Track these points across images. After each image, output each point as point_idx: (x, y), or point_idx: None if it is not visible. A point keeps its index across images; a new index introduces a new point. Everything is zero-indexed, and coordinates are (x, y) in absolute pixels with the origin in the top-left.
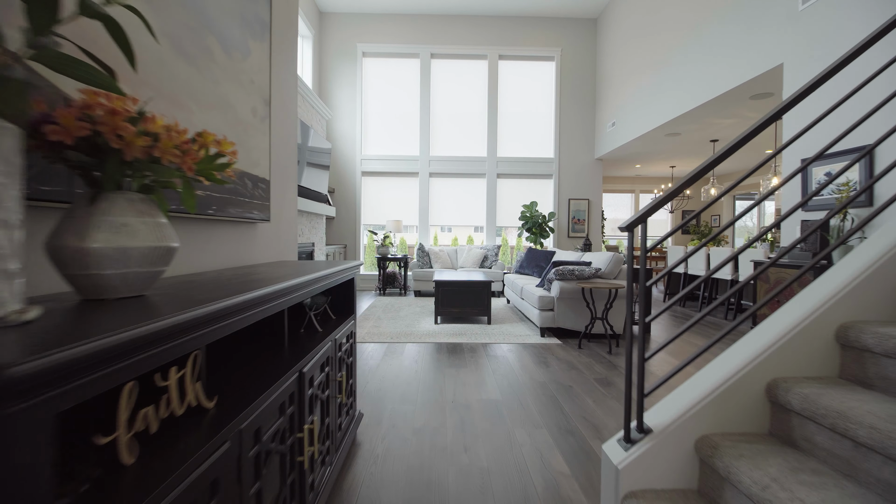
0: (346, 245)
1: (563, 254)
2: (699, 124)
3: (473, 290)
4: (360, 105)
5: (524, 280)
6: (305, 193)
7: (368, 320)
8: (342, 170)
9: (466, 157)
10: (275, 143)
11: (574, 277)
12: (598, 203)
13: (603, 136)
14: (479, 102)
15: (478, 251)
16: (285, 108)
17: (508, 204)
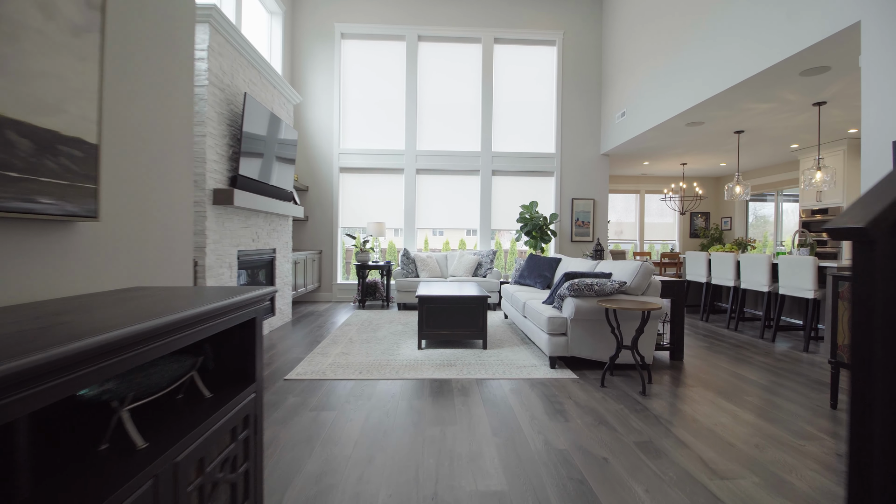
0: (321, 251)
1: (572, 262)
2: (730, 110)
3: (466, 308)
4: (337, 92)
5: (526, 293)
6: (259, 189)
7: (337, 344)
8: (317, 165)
9: (458, 152)
10: (123, 80)
11: (593, 294)
12: (604, 203)
13: (610, 129)
14: (471, 91)
15: (471, 258)
16: (163, 27)
17: (505, 204)
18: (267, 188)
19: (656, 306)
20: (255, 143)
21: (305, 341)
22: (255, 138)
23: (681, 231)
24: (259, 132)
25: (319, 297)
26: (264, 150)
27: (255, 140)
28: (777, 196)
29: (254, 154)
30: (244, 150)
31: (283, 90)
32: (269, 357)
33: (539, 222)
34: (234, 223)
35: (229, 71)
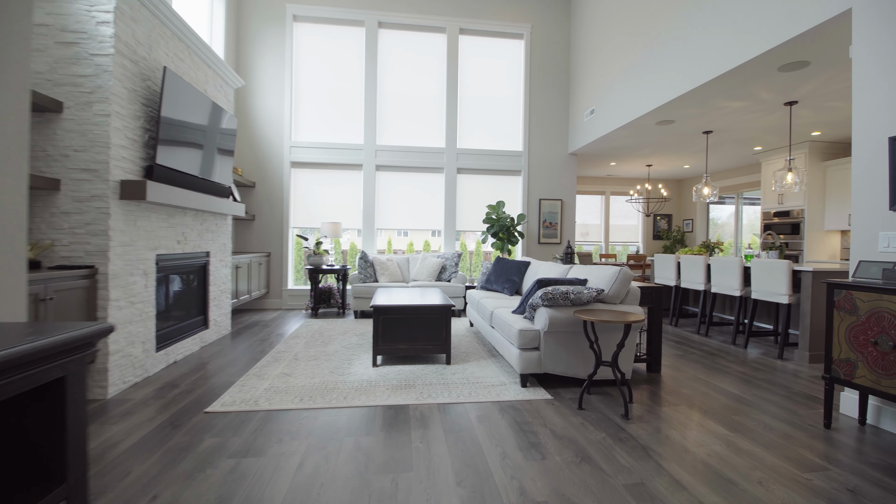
0: (269, 253)
1: (542, 266)
2: (702, 108)
3: (427, 319)
4: (289, 80)
5: (494, 300)
6: (185, 182)
7: (279, 362)
8: (265, 159)
9: (421, 147)
10: None
11: (569, 303)
12: (571, 204)
13: (578, 127)
14: (436, 84)
15: (434, 261)
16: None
17: (471, 204)
18: (197, 182)
19: (639, 318)
20: (181, 129)
21: (243, 359)
22: (181, 124)
23: (644, 233)
24: (186, 117)
25: (267, 304)
26: (194, 137)
27: (181, 126)
28: (738, 198)
29: (179, 142)
30: (164, 136)
31: (221, 71)
32: (192, 382)
33: (506, 223)
34: (151, 222)
35: (146, 41)
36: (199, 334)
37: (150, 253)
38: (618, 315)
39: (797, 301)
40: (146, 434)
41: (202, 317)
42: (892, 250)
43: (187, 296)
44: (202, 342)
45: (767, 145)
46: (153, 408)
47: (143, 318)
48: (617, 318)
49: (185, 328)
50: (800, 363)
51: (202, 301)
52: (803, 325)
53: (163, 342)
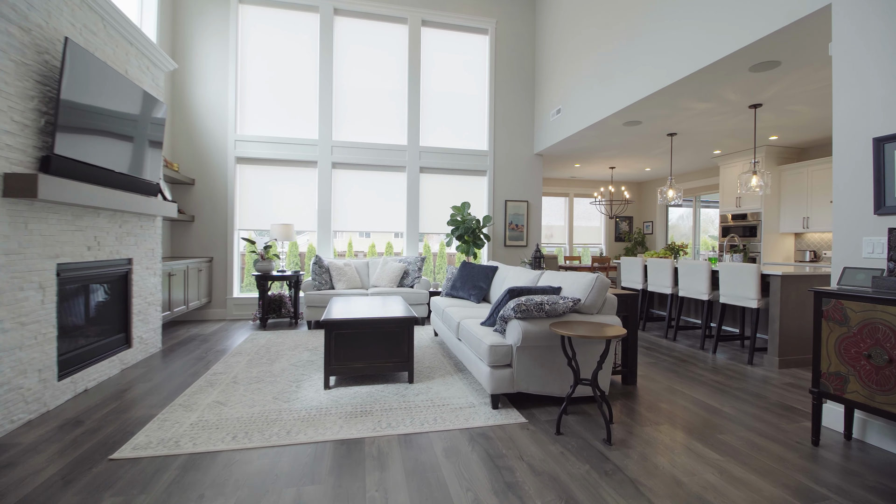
0: (211, 258)
1: (511, 271)
2: (669, 109)
3: (387, 333)
4: (234, 67)
5: (460, 309)
6: (97, 177)
7: (214, 387)
8: (207, 154)
9: (381, 144)
10: None
11: (543, 315)
12: (538, 206)
13: (544, 127)
14: (397, 78)
15: (396, 265)
16: None
17: (435, 205)
18: (113, 177)
19: (620, 332)
20: (90, 115)
21: (170, 384)
22: (90, 108)
23: (607, 235)
24: (98, 100)
25: (210, 314)
26: (109, 125)
27: (90, 110)
28: (695, 201)
29: (87, 129)
30: (65, 121)
31: (147, 51)
32: (102, 417)
33: (471, 225)
34: (49, 225)
35: (42, 6)
36: (118, 355)
37: (48, 262)
38: (596, 328)
39: (765, 305)
40: (27, 494)
41: (123, 334)
42: (877, 256)
43: (103, 311)
44: (123, 364)
45: (727, 149)
46: (45, 455)
47: (38, 342)
48: (596, 332)
49: (100, 349)
50: (770, 368)
51: (123, 316)
52: (772, 329)
53: (68, 368)
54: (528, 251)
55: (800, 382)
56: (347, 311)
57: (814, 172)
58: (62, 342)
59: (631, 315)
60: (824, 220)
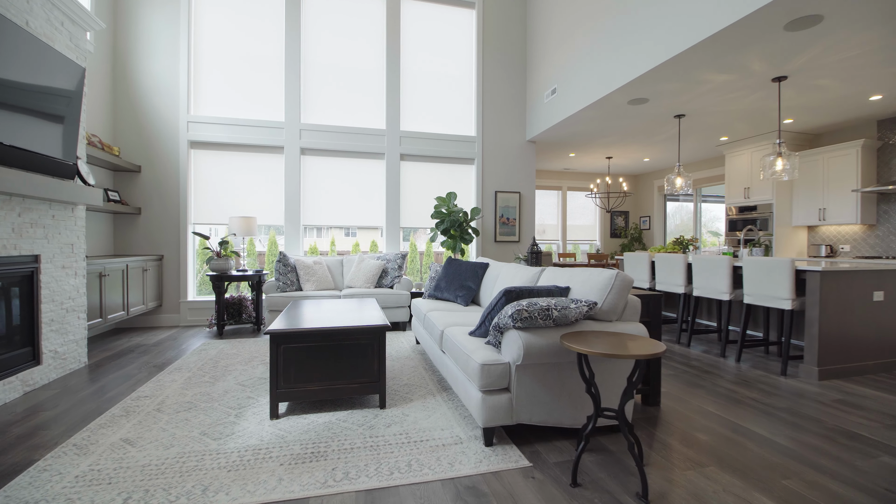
0: (161, 256)
1: (504, 268)
2: (682, 82)
3: (353, 347)
4: (186, 39)
5: (445, 312)
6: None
7: (131, 415)
8: (154, 137)
9: (357, 128)
10: None
11: (551, 323)
12: (531, 198)
13: (538, 110)
14: (374, 54)
15: (372, 263)
16: None
17: (417, 196)
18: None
19: (658, 348)
20: None
21: (78, 412)
22: None
23: (602, 231)
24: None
25: (161, 320)
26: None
27: None
28: (696, 194)
29: None
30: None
31: (60, 2)
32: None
33: (458, 218)
34: None
35: None
36: (21, 374)
37: None
38: (622, 342)
39: (800, 306)
40: None
41: (28, 348)
42: None
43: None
44: (27, 385)
45: (735, 135)
46: None
47: None
48: (623, 347)
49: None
50: (808, 380)
51: (28, 326)
52: (810, 334)
53: None
54: (521, 247)
55: (851, 399)
56: (305, 317)
57: (830, 160)
58: None
59: (654, 321)
60: (842, 211)
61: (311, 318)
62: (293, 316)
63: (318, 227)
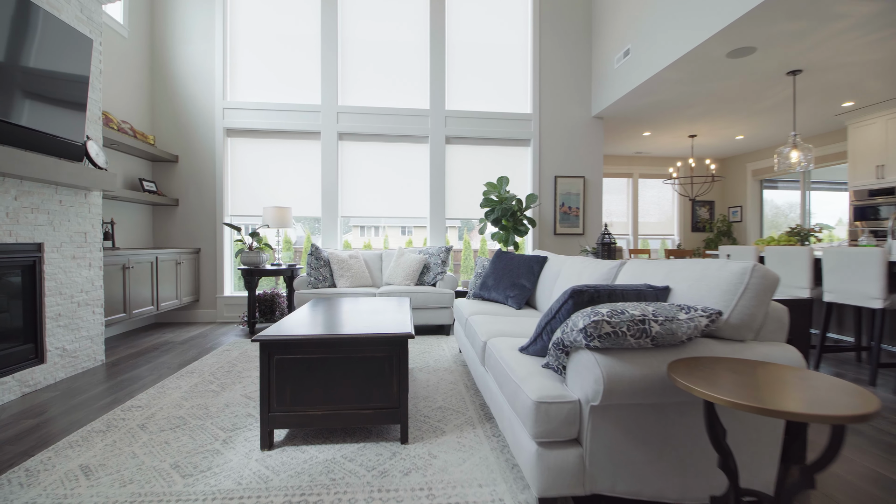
0: (199, 249)
1: (567, 263)
2: (807, 20)
3: (366, 361)
4: (221, 21)
5: (492, 317)
6: None
7: (109, 432)
8: (191, 125)
9: (398, 109)
10: None
11: (648, 341)
12: (597, 183)
13: (606, 79)
14: (416, 26)
15: (413, 257)
16: None
17: (466, 184)
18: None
19: (872, 406)
20: None
21: (60, 423)
22: None
23: (681, 223)
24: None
25: (197, 315)
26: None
27: None
28: (804, 178)
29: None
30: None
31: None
32: None
33: (511, 206)
34: None
35: None
36: (19, 374)
37: None
38: (779, 382)
39: None
40: None
41: (30, 345)
42: None
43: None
44: (26, 386)
45: (865, 98)
46: None
47: None
48: (787, 395)
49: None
50: None
51: (29, 321)
52: None
53: None
54: (586, 240)
55: None
56: (314, 320)
57: None
58: None
59: (795, 337)
60: None
61: (321, 322)
62: (300, 318)
63: (355, 219)
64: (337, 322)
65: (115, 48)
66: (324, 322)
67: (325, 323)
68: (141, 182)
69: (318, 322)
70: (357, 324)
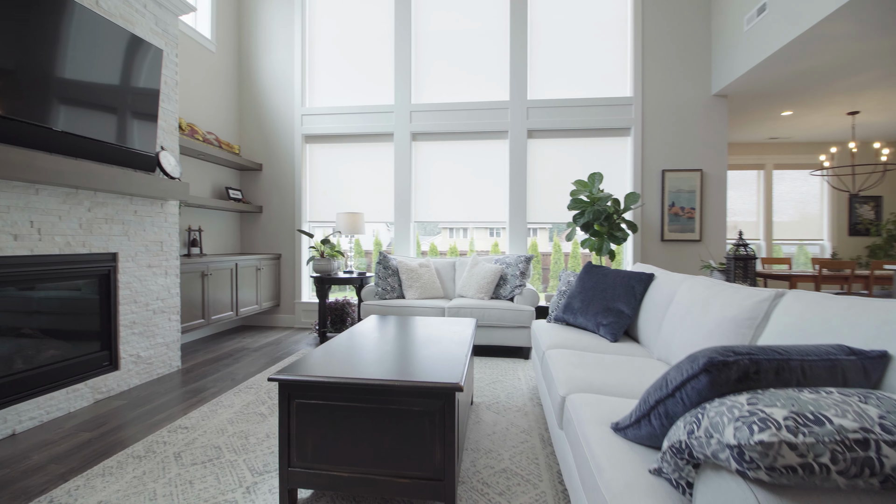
0: (280, 254)
1: (682, 286)
2: None
3: (401, 416)
4: (300, 28)
5: (576, 356)
6: (21, 136)
7: (145, 460)
8: (273, 134)
9: (474, 103)
10: None
11: (877, 484)
12: (719, 177)
13: (732, 46)
14: (494, 11)
15: (489, 267)
16: None
17: (550, 183)
18: (52, 137)
19: None
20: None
21: (110, 439)
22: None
23: (833, 226)
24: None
25: (278, 320)
26: (36, 64)
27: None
28: None
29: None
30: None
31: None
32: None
33: (605, 208)
34: None
35: None
36: (92, 381)
37: None
38: None
39: None
40: None
41: (105, 353)
42: None
43: (61, 322)
44: (99, 393)
45: None
46: None
47: None
48: None
49: (54, 375)
50: None
51: (105, 329)
52: None
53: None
54: (704, 249)
55: None
56: (351, 352)
57: None
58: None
59: None
60: None
61: (357, 355)
62: (338, 346)
63: (430, 224)
64: (375, 356)
65: (204, 62)
66: (360, 355)
67: (359, 357)
68: (227, 190)
69: (353, 355)
70: (396, 362)
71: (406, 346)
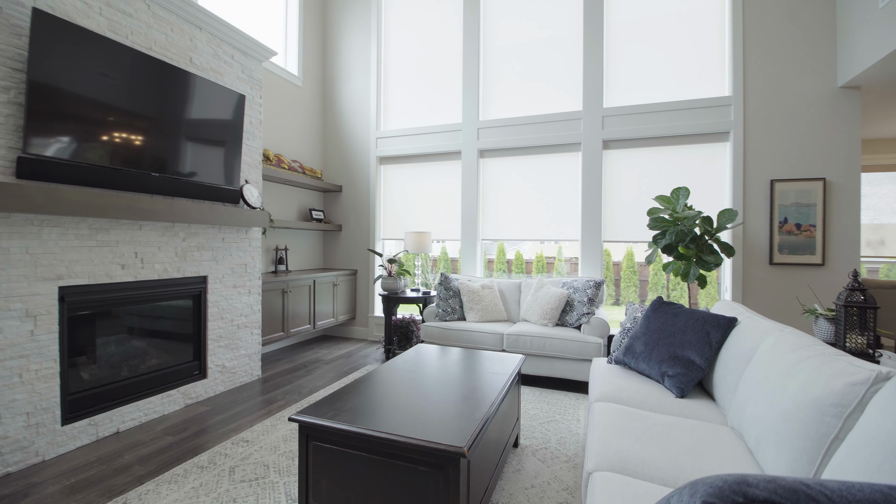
0: (356, 270)
1: (769, 338)
2: None
3: (407, 473)
4: (376, 53)
5: (629, 414)
6: (113, 180)
7: (210, 468)
8: (351, 157)
9: (544, 116)
10: None
11: None
12: (850, 188)
13: (862, 29)
14: (565, 17)
15: (553, 292)
16: None
17: (629, 197)
18: (149, 180)
19: None
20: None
21: (190, 444)
22: (77, 99)
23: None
24: (102, 82)
25: (353, 332)
26: (128, 117)
27: (76, 100)
28: None
29: (95, 122)
30: (43, 107)
31: (229, 38)
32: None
33: (689, 227)
34: (42, 242)
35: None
36: (183, 387)
37: (42, 286)
38: None
39: None
40: None
41: (196, 363)
42: None
43: (163, 337)
44: (189, 399)
45: None
46: None
47: (24, 380)
48: None
49: (152, 382)
50: None
51: (196, 342)
52: None
53: (86, 408)
54: (827, 275)
55: None
56: (381, 387)
57: None
58: (76, 378)
59: None
60: None
61: (385, 391)
62: (375, 380)
63: (495, 241)
64: (397, 401)
65: (291, 96)
66: (383, 398)
67: (381, 400)
68: (310, 211)
69: (375, 398)
70: (414, 413)
71: (433, 390)
